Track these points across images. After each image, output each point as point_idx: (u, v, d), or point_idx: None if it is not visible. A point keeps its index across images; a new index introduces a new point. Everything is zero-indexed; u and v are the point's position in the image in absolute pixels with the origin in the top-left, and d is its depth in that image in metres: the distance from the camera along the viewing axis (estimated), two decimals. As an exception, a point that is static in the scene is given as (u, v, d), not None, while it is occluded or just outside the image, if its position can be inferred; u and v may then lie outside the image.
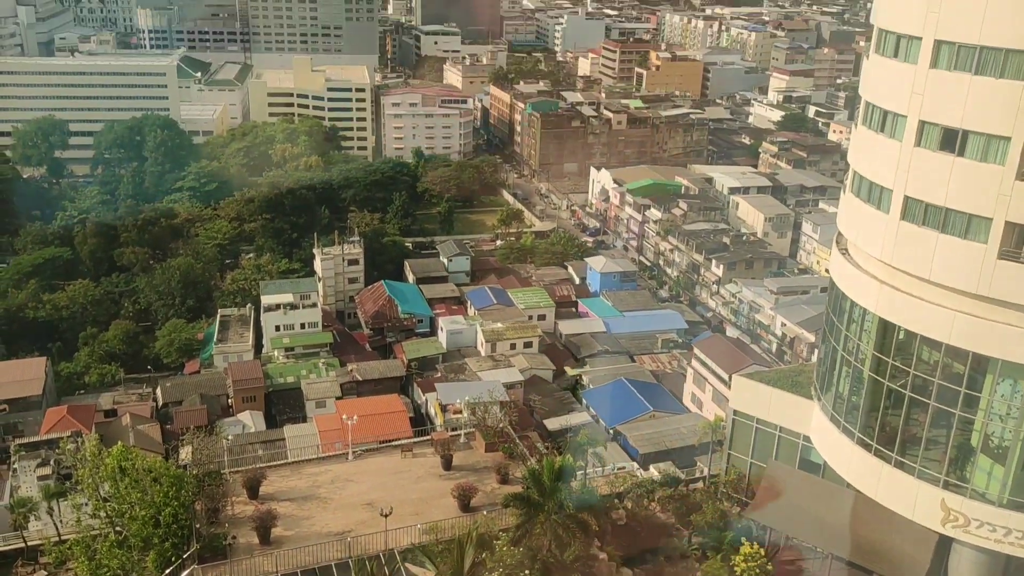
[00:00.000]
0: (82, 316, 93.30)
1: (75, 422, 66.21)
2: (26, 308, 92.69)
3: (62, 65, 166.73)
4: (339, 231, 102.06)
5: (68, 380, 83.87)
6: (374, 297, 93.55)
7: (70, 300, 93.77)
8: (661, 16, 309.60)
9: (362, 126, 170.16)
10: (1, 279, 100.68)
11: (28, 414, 71.27)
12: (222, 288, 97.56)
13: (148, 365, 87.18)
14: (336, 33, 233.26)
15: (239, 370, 76.92)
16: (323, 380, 76.71)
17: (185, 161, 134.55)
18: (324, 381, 76.47)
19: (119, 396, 76.39)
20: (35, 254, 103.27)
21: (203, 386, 76.59)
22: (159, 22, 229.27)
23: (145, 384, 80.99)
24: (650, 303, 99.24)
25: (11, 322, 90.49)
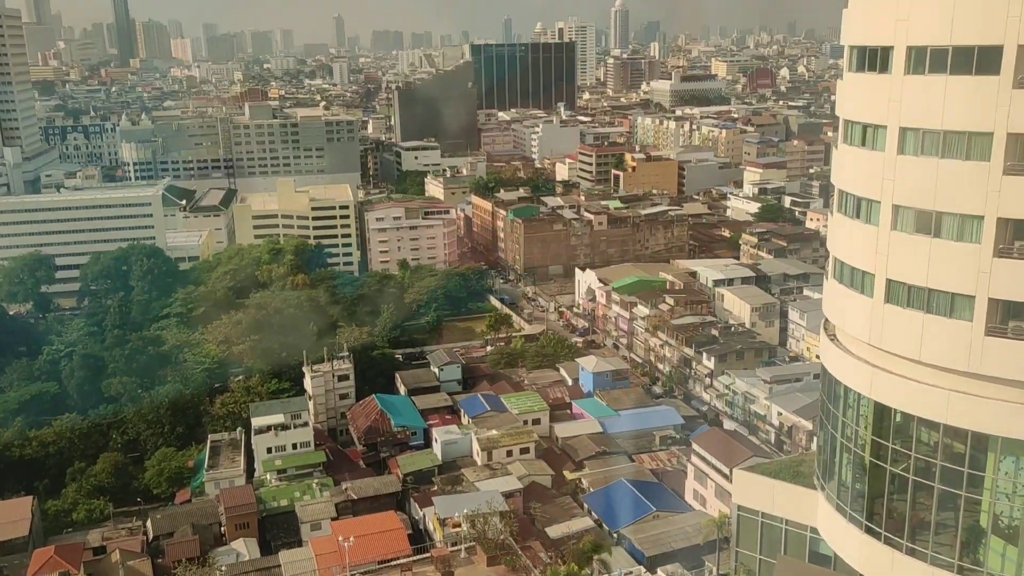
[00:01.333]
0: (69, 451, 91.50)
1: (63, 563, 64.11)
2: (12, 447, 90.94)
3: (47, 201, 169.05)
4: (328, 347, 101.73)
5: (55, 518, 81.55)
6: (366, 412, 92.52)
7: (56, 436, 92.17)
8: (633, 119, 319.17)
9: (347, 242, 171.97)
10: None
11: (14, 557, 68.91)
12: (212, 413, 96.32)
13: (138, 497, 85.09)
14: (318, 154, 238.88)
15: (231, 496, 75.17)
16: (317, 501, 74.98)
17: (172, 288, 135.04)
18: (318, 502, 74.74)
19: (108, 532, 74.26)
20: (21, 390, 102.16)
21: (195, 515, 74.66)
22: (144, 155, 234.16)
23: (135, 517, 78.86)
24: (645, 400, 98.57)
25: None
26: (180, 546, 68.34)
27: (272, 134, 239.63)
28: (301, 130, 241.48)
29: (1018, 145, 31.00)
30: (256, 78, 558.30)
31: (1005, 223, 31.40)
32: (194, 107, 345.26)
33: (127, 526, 75.61)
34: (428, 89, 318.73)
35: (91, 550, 69.56)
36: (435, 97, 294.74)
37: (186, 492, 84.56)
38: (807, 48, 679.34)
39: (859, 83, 36.31)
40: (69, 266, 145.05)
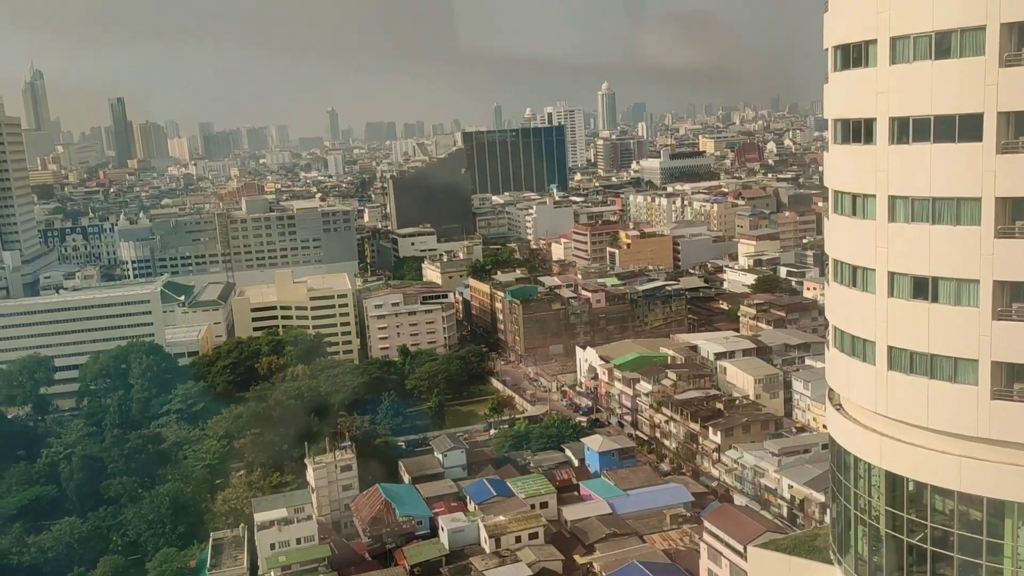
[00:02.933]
0: (68, 556, 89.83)
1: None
2: (10, 553, 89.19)
3: (45, 303, 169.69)
4: (330, 438, 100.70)
5: (54, 628, 79.51)
6: (370, 503, 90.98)
7: (56, 540, 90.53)
8: (625, 198, 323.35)
9: (346, 330, 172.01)
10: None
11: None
12: (213, 510, 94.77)
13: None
14: (315, 245, 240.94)
15: (234, 597, 73.29)
16: (323, 598, 73.11)
17: (171, 384, 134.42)
18: (324, 599, 72.87)
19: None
20: (19, 495, 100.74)
21: (197, 619, 72.71)
22: (142, 253, 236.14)
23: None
24: (653, 478, 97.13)
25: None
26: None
27: (269, 227, 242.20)
28: (298, 222, 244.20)
29: (1007, 208, 31.43)
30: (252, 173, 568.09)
31: (1001, 285, 31.58)
32: (191, 204, 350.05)
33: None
34: (422, 176, 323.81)
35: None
36: (429, 184, 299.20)
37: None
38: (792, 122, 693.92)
39: (845, 154, 36.99)
40: (68, 367, 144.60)
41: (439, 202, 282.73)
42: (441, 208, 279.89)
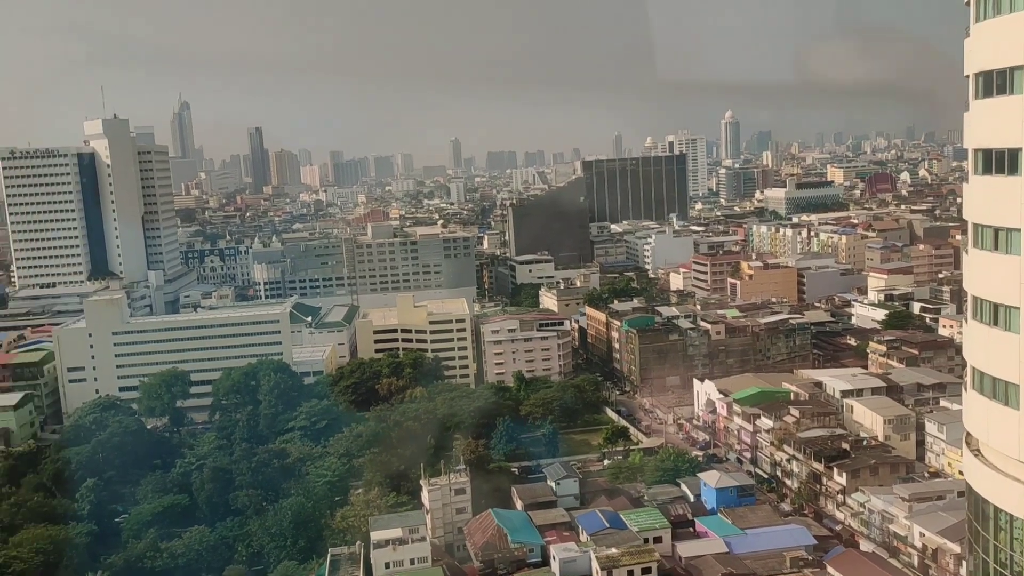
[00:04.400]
0: (197, 563, 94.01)
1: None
2: (144, 558, 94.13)
3: (184, 321, 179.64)
4: (444, 460, 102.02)
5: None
6: (483, 527, 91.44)
7: (186, 547, 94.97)
8: (748, 228, 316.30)
9: (464, 355, 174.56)
10: (123, 529, 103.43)
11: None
12: (332, 526, 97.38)
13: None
14: (436, 270, 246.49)
15: (350, 613, 74.87)
16: (435, 620, 73.72)
17: (297, 402, 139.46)
18: (436, 621, 73.46)
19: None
20: (155, 503, 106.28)
21: (314, 632, 74.62)
22: (273, 275, 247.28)
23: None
24: (772, 518, 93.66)
25: (130, 573, 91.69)
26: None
27: (393, 252, 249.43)
28: (420, 247, 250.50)
29: None
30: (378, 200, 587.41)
31: None
32: (321, 228, 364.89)
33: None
34: (541, 204, 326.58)
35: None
36: (548, 212, 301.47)
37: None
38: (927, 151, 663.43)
39: (987, 186, 35.13)
40: (203, 381, 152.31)
41: (557, 230, 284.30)
42: (559, 236, 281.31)
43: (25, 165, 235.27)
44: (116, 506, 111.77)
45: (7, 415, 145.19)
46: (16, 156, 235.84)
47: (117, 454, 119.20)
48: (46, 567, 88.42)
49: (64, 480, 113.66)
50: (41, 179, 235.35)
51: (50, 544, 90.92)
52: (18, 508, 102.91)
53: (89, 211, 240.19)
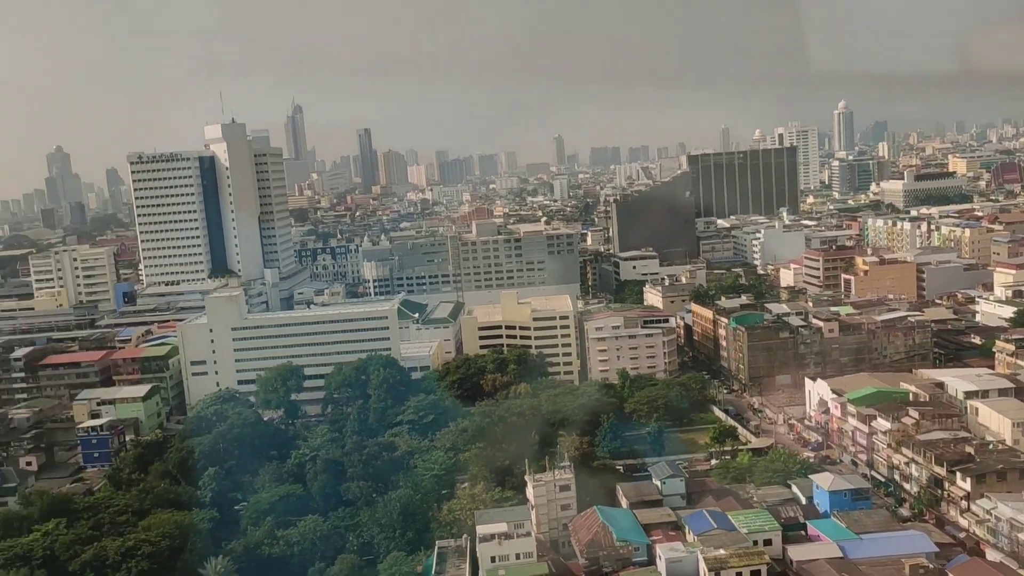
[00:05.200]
0: (311, 551, 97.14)
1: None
2: (262, 544, 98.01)
3: (299, 317, 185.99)
4: (549, 457, 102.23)
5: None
6: (587, 524, 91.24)
7: (301, 536, 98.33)
8: (863, 222, 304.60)
9: (567, 352, 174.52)
10: (242, 517, 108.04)
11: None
12: (439, 519, 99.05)
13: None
14: (539, 267, 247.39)
15: (456, 605, 75.99)
16: (540, 615, 74.06)
17: (405, 396, 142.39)
18: (541, 616, 73.79)
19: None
20: (271, 492, 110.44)
21: (422, 622, 76.08)
22: (382, 272, 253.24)
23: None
24: (890, 524, 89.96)
25: (249, 559, 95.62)
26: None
27: (497, 249, 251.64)
28: (524, 244, 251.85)
29: None
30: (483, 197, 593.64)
31: None
32: (427, 227, 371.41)
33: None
34: (645, 200, 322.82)
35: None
36: (652, 207, 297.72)
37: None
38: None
39: None
40: (316, 376, 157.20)
41: (662, 226, 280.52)
42: (664, 232, 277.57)
43: (151, 169, 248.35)
44: (236, 494, 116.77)
45: (136, 406, 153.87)
46: (143, 160, 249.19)
47: (236, 444, 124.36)
48: (172, 551, 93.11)
49: (188, 468, 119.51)
50: (166, 182, 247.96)
51: (176, 529, 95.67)
52: (146, 494, 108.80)
53: (210, 212, 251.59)
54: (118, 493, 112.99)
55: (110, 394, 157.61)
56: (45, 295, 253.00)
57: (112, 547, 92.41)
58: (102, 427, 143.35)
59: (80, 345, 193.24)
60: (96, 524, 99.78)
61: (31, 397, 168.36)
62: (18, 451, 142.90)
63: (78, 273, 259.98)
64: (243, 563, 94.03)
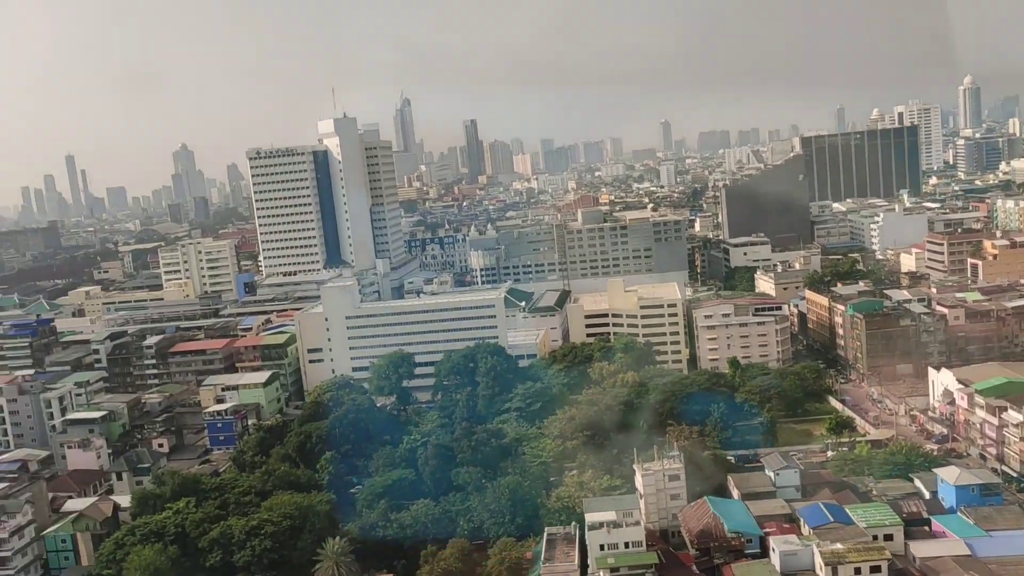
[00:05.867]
0: (423, 534, 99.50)
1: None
2: (377, 527, 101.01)
3: (409, 305, 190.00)
4: (658, 446, 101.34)
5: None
6: (698, 514, 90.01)
7: (413, 519, 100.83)
8: (991, 203, 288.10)
9: (675, 340, 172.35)
10: (357, 500, 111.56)
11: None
12: (547, 506, 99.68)
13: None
14: (646, 254, 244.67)
15: (566, 591, 76.41)
16: (650, 604, 73.65)
17: (512, 384, 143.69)
18: (651, 605, 73.38)
19: (455, 615, 78.69)
20: (385, 476, 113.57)
21: (532, 607, 76.83)
22: (489, 261, 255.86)
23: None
24: (1022, 521, 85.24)
25: (364, 540, 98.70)
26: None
27: (603, 237, 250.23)
28: (630, 232, 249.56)
29: None
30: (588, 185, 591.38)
31: None
32: (533, 216, 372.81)
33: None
34: (756, 184, 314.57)
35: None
36: (764, 192, 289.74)
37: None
38: None
39: None
40: (426, 363, 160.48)
41: (774, 211, 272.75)
42: (776, 217, 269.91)
43: (269, 164, 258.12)
44: (351, 477, 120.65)
45: (257, 392, 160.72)
46: (261, 156, 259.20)
47: (351, 429, 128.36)
48: (292, 530, 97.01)
49: (306, 452, 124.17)
50: (282, 176, 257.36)
51: (296, 510, 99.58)
52: (268, 476, 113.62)
53: (324, 204, 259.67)
54: (242, 475, 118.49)
55: (233, 380, 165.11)
56: (173, 286, 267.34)
57: (237, 526, 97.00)
58: (226, 412, 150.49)
59: (205, 333, 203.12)
60: (222, 504, 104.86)
61: (162, 383, 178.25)
62: (151, 433, 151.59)
63: (203, 265, 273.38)
64: (359, 544, 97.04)
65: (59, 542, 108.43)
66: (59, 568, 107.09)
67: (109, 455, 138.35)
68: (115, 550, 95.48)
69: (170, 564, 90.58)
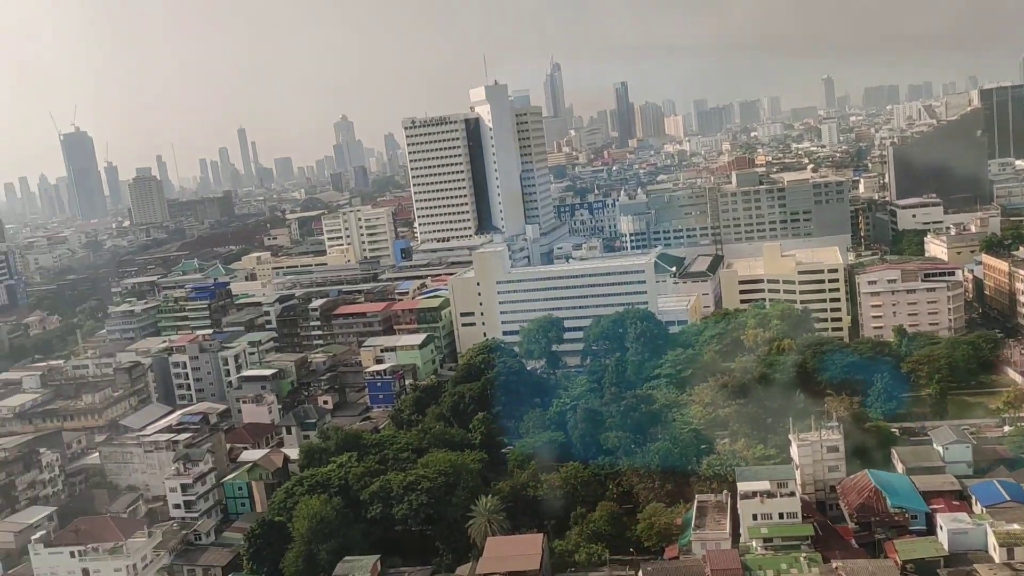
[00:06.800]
0: (572, 496, 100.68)
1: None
2: (527, 487, 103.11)
3: (558, 271, 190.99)
4: (815, 416, 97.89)
5: (560, 557, 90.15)
6: (858, 488, 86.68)
7: (563, 481, 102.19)
8: None
9: (836, 307, 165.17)
10: (508, 459, 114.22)
11: (526, 586, 77.48)
12: (698, 473, 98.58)
13: (630, 547, 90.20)
14: (805, 218, 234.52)
15: (717, 559, 75.73)
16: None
17: (662, 350, 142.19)
18: (806, 578, 71.58)
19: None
20: (535, 437, 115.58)
21: (682, 572, 76.73)
22: (638, 226, 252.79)
23: (628, 567, 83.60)
24: None
25: (515, 499, 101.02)
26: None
27: (758, 200, 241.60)
28: (788, 194, 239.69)
29: None
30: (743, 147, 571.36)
31: None
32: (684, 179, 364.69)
33: (621, 574, 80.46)
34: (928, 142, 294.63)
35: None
36: (936, 150, 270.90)
37: (674, 548, 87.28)
38: None
39: None
40: (574, 328, 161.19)
41: (947, 169, 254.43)
42: (949, 176, 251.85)
43: (423, 133, 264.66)
44: (502, 438, 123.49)
45: (414, 353, 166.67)
46: (416, 125, 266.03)
47: (502, 391, 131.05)
48: (447, 487, 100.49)
49: (459, 412, 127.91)
50: (436, 144, 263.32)
51: (450, 467, 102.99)
52: (424, 434, 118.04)
53: (475, 171, 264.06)
54: (400, 432, 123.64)
55: (391, 342, 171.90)
56: (336, 251, 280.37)
57: (396, 480, 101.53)
58: (385, 372, 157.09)
59: (365, 297, 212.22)
60: (382, 459, 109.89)
61: (326, 343, 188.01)
62: (316, 391, 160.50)
63: (363, 231, 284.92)
64: (509, 503, 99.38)
65: (236, 489, 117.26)
66: (236, 513, 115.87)
67: (279, 410, 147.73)
68: (285, 499, 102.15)
69: (335, 514, 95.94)
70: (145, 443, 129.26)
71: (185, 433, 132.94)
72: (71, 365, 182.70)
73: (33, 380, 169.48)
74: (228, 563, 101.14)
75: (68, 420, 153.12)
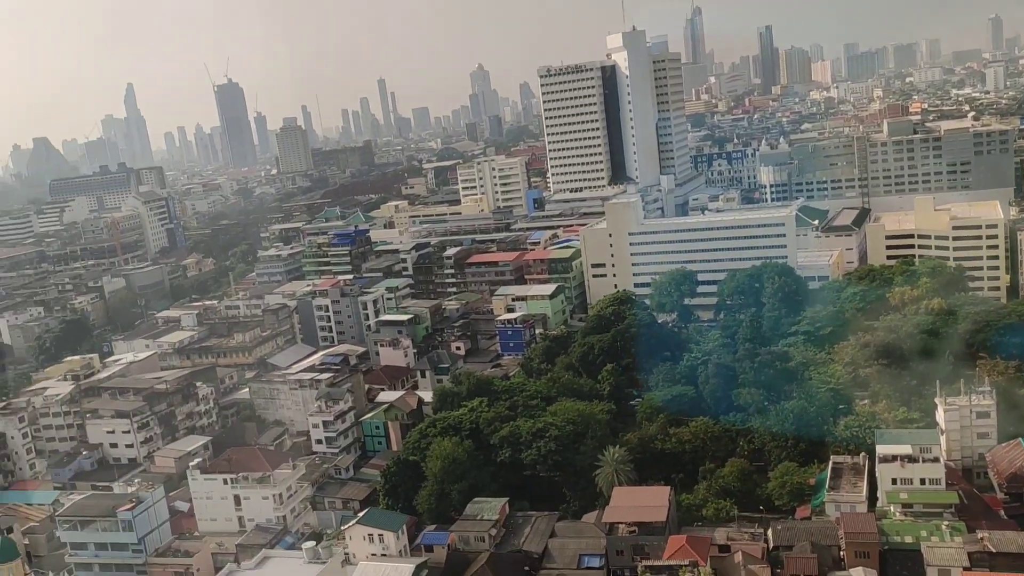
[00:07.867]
0: (702, 451, 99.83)
1: (692, 552, 70.40)
2: (655, 440, 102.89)
3: (693, 223, 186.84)
4: (965, 380, 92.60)
5: (687, 511, 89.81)
6: (1010, 457, 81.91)
7: (692, 435, 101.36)
8: None
9: (993, 265, 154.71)
10: (637, 412, 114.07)
11: (653, 538, 77.84)
12: (835, 434, 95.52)
13: (760, 505, 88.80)
14: (963, 169, 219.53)
15: (852, 522, 73.55)
16: (947, 545, 68.95)
17: (800, 306, 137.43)
18: (948, 547, 68.66)
19: (732, 533, 78.90)
20: (664, 391, 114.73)
21: (814, 534, 74.92)
22: (780, 177, 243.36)
23: (757, 524, 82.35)
24: None
25: (643, 451, 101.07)
26: (799, 561, 69.29)
27: (911, 150, 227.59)
28: (944, 144, 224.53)
29: None
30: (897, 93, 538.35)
31: None
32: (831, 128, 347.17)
33: (750, 531, 79.35)
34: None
35: (716, 546, 74.77)
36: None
37: (806, 509, 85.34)
38: None
39: None
40: (708, 281, 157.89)
41: None
42: None
43: (558, 81, 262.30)
44: (631, 390, 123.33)
45: (544, 303, 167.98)
46: (551, 74, 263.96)
47: (632, 344, 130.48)
48: (575, 436, 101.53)
49: (588, 363, 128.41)
50: (571, 93, 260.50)
51: (578, 416, 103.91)
52: (553, 383, 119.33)
53: (610, 120, 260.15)
54: (529, 380, 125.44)
55: (522, 291, 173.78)
56: (470, 201, 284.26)
57: (525, 427, 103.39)
58: (516, 320, 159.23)
59: (497, 246, 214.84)
60: (512, 405, 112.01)
61: (459, 291, 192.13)
62: (450, 337, 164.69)
63: (496, 181, 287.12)
64: (637, 454, 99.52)
65: (373, 428, 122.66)
66: (374, 451, 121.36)
67: (414, 354, 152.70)
68: (419, 439, 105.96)
69: (466, 456, 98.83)
70: (290, 381, 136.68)
71: (327, 373, 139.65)
72: (224, 305, 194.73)
73: (190, 318, 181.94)
74: (365, 498, 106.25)
75: (221, 357, 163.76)
